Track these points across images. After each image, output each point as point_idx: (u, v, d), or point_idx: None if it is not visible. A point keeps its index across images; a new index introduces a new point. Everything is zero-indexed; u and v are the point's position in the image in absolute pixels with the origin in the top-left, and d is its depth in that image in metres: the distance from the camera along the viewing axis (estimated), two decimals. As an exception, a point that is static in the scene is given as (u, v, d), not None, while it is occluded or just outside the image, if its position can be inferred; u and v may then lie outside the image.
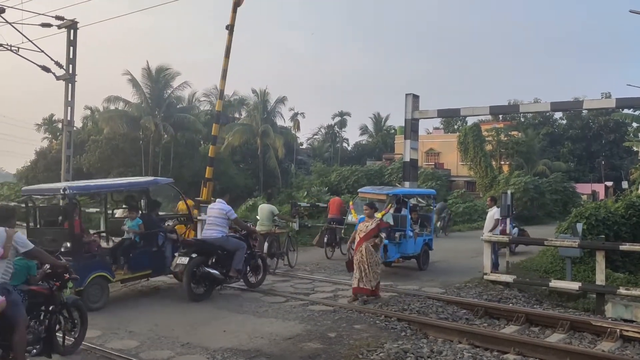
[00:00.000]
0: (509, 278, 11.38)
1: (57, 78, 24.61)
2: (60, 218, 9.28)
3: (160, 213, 11.10)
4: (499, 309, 9.32)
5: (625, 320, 9.26)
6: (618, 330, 7.88)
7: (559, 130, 63.94)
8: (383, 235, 9.75)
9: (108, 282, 8.81)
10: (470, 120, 48.69)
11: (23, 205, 10.18)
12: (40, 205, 11.19)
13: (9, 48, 22.90)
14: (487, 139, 44.26)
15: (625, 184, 40.32)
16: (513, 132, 50.24)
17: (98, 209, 22.58)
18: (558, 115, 63.86)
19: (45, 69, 24.15)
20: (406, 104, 22.60)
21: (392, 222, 12.51)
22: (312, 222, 19.40)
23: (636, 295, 9.81)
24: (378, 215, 10.74)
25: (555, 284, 10.89)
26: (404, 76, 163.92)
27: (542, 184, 34.87)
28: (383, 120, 73.66)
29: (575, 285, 10.68)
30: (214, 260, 9.54)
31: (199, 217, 17.64)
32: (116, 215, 11.53)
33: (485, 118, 54.54)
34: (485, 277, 11.53)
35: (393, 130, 68.43)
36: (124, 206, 11.24)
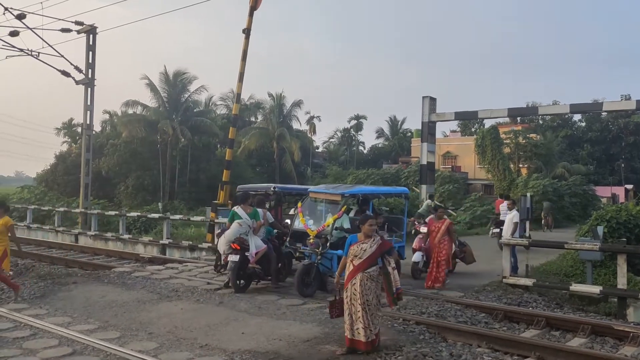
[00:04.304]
0: (528, 281, 11.27)
1: (77, 82, 25.00)
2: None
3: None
4: (518, 312, 9.23)
5: (648, 325, 9.11)
6: (641, 334, 7.75)
7: (578, 133, 63.24)
8: (392, 262, 6.74)
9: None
10: (488, 123, 48.43)
11: None
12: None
13: (30, 53, 23.32)
14: (505, 141, 43.81)
15: (645, 187, 39.71)
16: (531, 135, 49.73)
17: (117, 212, 22.99)
18: (577, 117, 63.30)
19: (65, 74, 24.57)
20: (423, 106, 22.53)
21: (347, 226, 10.54)
22: None
23: (659, 300, 9.66)
24: (329, 220, 10.26)
25: (575, 287, 10.76)
26: (421, 79, 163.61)
27: (561, 187, 34.42)
28: (399, 123, 73.63)
29: (596, 289, 10.55)
30: None
31: (216, 220, 17.76)
32: (290, 213, 14.02)
33: (503, 120, 54.08)
34: (504, 280, 11.44)
35: (409, 133, 68.28)
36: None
